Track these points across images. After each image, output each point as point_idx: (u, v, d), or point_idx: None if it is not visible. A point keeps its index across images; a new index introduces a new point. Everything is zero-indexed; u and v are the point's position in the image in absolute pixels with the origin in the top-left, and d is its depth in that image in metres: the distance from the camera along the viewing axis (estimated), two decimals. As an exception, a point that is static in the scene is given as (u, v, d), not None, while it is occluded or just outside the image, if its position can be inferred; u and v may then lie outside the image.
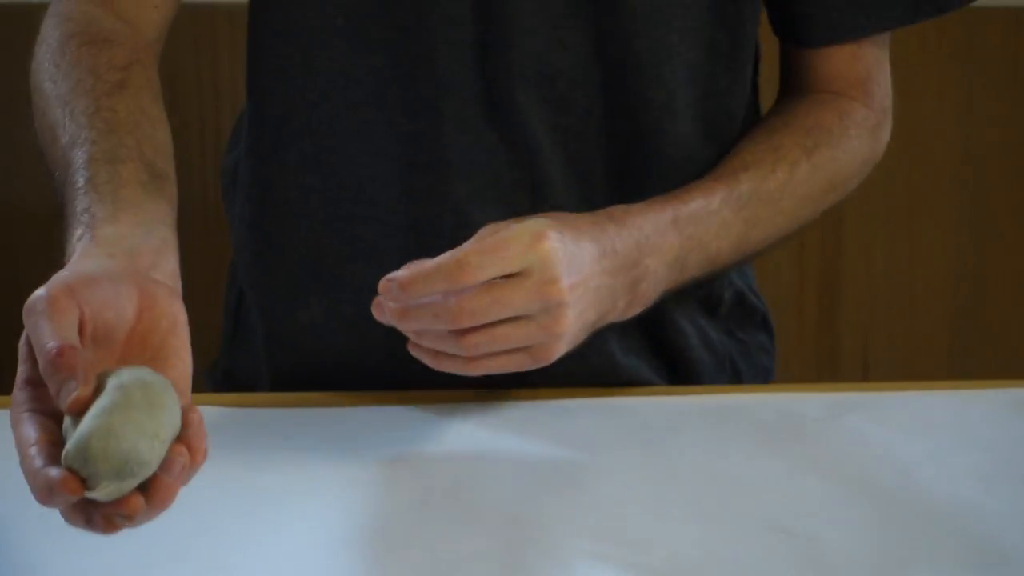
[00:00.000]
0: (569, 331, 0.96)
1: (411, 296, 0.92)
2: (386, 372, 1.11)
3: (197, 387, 0.81)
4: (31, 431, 0.72)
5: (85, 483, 0.70)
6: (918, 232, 2.03)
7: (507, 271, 0.92)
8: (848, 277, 2.03)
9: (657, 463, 0.98)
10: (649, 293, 1.04)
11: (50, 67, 1.00)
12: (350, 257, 1.10)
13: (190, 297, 0.84)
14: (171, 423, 0.73)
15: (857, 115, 1.17)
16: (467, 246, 0.93)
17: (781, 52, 1.20)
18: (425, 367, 1.05)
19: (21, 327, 1.82)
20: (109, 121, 0.93)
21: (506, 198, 1.10)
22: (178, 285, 0.83)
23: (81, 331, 0.75)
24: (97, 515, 0.71)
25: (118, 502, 0.71)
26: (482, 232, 0.95)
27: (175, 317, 0.79)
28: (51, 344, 0.72)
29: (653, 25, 1.09)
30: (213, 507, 0.89)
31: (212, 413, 0.99)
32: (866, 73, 1.18)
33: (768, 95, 1.20)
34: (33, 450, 0.71)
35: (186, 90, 1.80)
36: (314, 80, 1.11)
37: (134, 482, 0.70)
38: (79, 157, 0.90)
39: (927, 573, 0.84)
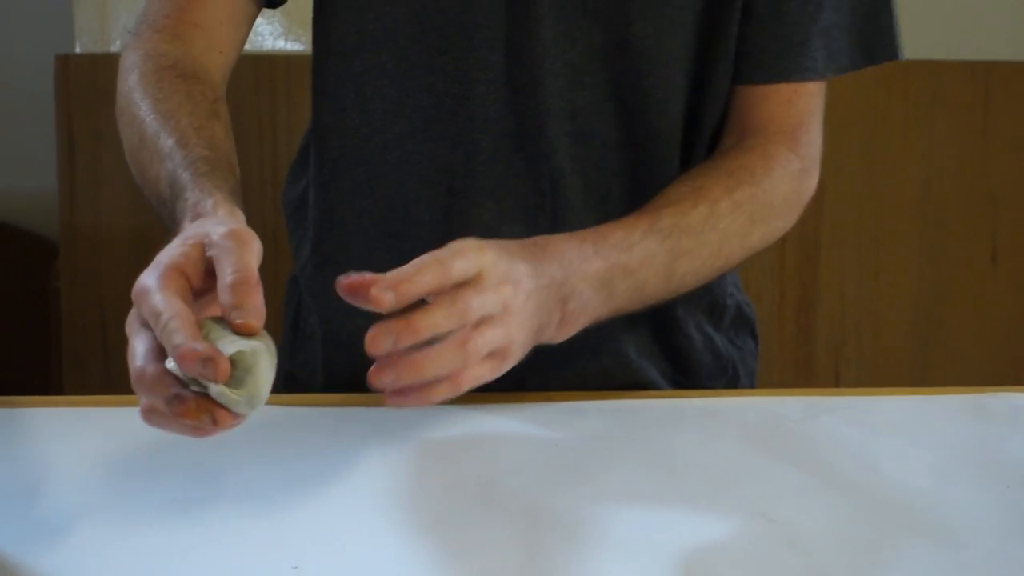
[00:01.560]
0: (519, 335, 0.92)
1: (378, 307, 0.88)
2: None
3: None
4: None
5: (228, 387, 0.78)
6: (884, 258, 2.02)
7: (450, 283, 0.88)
8: (823, 296, 2.02)
9: (658, 456, 0.98)
10: (577, 313, 0.99)
11: (150, 88, 1.02)
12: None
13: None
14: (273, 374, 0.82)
15: (782, 158, 1.13)
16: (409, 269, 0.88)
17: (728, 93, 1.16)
18: None
19: (106, 334, 1.81)
20: (210, 140, 0.96)
21: (530, 219, 1.12)
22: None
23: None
24: (208, 411, 0.77)
25: (221, 408, 0.77)
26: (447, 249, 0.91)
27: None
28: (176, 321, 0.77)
29: (660, 65, 1.11)
30: (272, 488, 0.91)
31: (276, 412, 1.01)
32: (798, 121, 1.15)
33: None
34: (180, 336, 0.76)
35: (248, 129, 1.81)
36: (367, 117, 1.13)
37: (249, 410, 0.79)
38: (187, 157, 0.94)
39: (890, 555, 0.84)
